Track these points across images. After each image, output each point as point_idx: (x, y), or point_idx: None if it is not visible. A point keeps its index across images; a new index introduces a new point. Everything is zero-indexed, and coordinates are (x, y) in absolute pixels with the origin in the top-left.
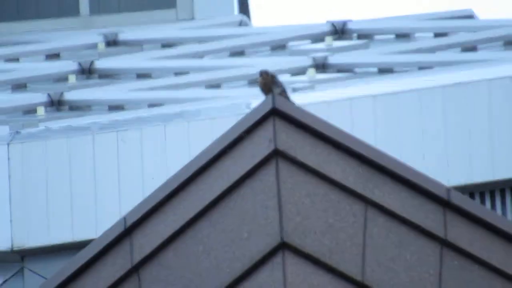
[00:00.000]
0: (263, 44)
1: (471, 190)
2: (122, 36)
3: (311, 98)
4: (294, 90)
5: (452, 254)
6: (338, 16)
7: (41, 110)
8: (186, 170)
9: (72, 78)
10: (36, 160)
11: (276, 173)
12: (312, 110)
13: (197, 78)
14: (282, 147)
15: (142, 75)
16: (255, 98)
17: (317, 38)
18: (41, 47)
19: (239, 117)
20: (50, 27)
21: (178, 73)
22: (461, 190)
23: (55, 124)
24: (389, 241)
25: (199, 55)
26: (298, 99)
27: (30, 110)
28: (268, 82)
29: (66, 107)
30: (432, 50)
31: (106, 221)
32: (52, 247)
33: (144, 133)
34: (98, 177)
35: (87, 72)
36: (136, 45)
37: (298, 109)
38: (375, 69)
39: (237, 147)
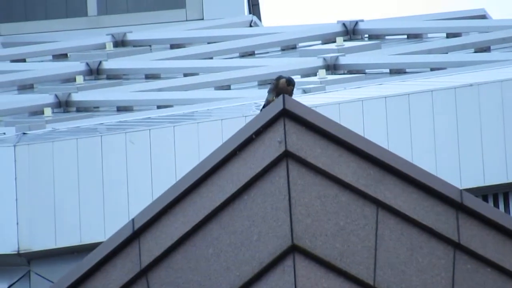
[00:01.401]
0: (273, 44)
1: (484, 192)
2: (130, 37)
3: (322, 99)
4: (305, 91)
5: (465, 257)
6: (349, 16)
7: (48, 111)
8: (196, 172)
9: (79, 79)
10: (43, 162)
11: (286, 174)
12: (322, 111)
13: (207, 79)
14: (292, 148)
15: (151, 75)
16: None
17: (328, 38)
18: (48, 48)
19: (249, 119)
20: (58, 28)
21: (187, 74)
22: (474, 192)
23: (62, 126)
24: (401, 244)
25: (209, 56)
26: (309, 100)
27: (37, 111)
28: (286, 92)
29: (74, 108)
30: (444, 50)
31: (115, 223)
32: (59, 251)
33: (153, 134)
34: (106, 179)
35: (95, 72)
36: (144, 46)
37: (309, 110)
38: (386, 70)
39: (247, 149)
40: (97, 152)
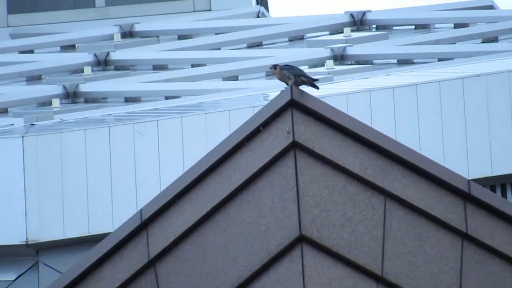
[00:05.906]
0: (281, 35)
1: (492, 183)
2: (138, 27)
3: (330, 89)
4: None
5: (473, 247)
6: (356, 6)
7: (56, 102)
8: (204, 163)
9: (87, 70)
10: (51, 153)
11: (294, 165)
12: (330, 102)
13: (214, 69)
14: (300, 139)
15: (159, 66)
16: (273, 90)
17: (336, 29)
18: (56, 39)
19: (257, 109)
20: (66, 19)
21: (195, 64)
22: (482, 183)
23: (70, 116)
24: (409, 234)
25: (216, 47)
26: (317, 90)
27: (45, 102)
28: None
29: (82, 99)
30: (452, 41)
31: (123, 214)
32: (67, 241)
33: (161, 125)
34: (114, 170)
35: (103, 63)
36: (152, 37)
37: (317, 101)
38: (394, 61)
39: (255, 139)
40: (105, 143)
